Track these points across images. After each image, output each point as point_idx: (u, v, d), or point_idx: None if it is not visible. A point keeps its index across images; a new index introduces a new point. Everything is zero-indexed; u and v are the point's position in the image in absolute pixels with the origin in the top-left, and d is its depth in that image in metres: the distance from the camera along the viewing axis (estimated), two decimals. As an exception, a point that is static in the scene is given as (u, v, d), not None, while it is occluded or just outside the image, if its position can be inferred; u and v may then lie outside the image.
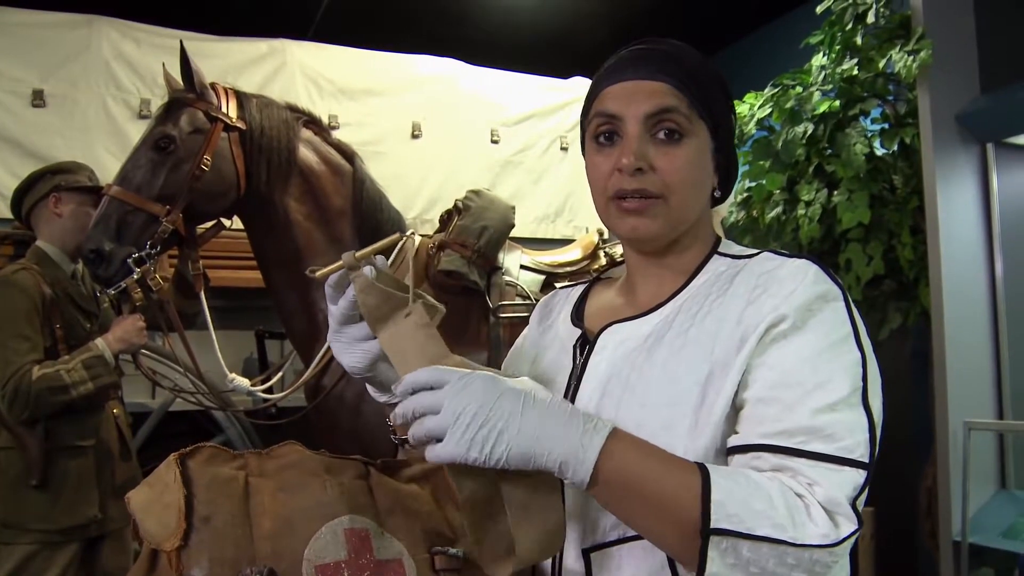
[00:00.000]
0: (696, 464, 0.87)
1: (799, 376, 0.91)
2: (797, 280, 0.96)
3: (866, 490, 0.89)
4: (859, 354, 0.93)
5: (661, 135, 1.02)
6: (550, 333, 1.18)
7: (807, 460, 0.88)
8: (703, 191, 1.07)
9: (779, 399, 0.91)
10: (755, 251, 1.06)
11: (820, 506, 0.85)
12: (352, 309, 0.98)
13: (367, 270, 0.96)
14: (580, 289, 1.23)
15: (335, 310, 1.00)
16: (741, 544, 0.82)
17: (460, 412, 0.82)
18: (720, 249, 1.09)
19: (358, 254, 0.96)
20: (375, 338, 0.97)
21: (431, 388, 0.85)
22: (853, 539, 0.86)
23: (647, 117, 1.01)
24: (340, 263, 0.96)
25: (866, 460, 0.89)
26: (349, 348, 1.01)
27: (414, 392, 0.86)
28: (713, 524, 0.82)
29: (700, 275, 1.06)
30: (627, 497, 0.86)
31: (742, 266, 1.03)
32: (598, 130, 1.06)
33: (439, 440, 0.83)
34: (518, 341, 1.27)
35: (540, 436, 0.83)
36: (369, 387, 1.08)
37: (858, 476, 0.88)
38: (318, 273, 0.98)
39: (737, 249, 1.09)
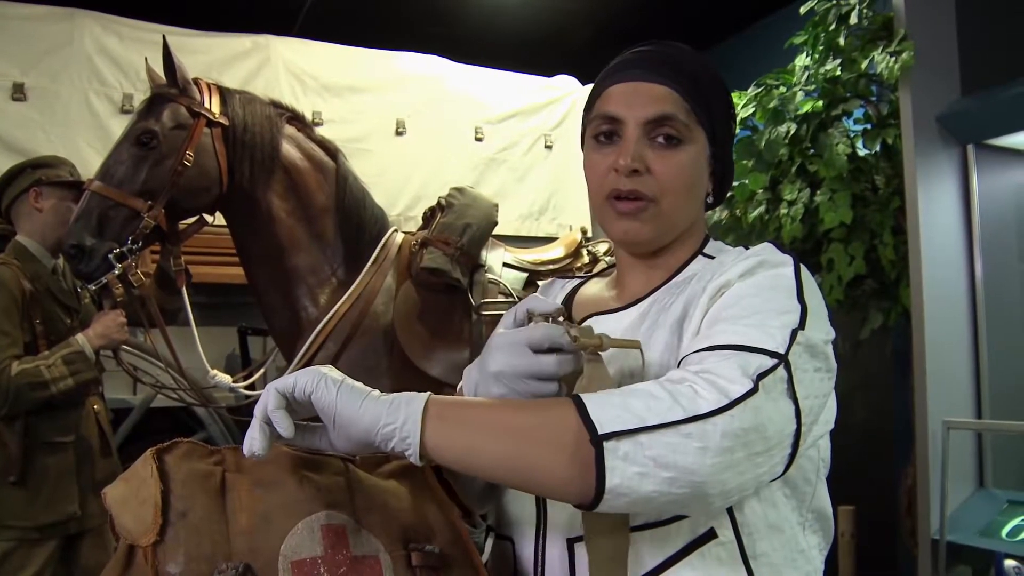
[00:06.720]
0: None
1: (728, 312, 0.91)
2: (747, 254, 0.99)
3: (778, 373, 0.84)
4: (798, 304, 0.91)
5: (659, 140, 1.03)
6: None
7: (707, 352, 0.86)
8: (697, 196, 1.08)
9: (705, 335, 0.91)
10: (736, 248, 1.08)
11: (704, 381, 0.82)
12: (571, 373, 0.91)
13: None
14: (576, 282, 1.24)
15: (549, 366, 0.89)
16: (640, 441, 0.78)
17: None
18: (705, 250, 1.10)
19: (606, 343, 0.91)
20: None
21: None
22: (753, 403, 0.81)
23: (647, 122, 1.03)
24: (597, 341, 0.90)
25: (780, 351, 0.85)
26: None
27: None
28: (602, 430, 0.78)
29: (680, 274, 1.08)
30: (489, 436, 0.82)
31: (716, 262, 1.05)
32: (598, 130, 1.06)
33: None
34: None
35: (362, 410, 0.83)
36: None
37: (763, 359, 0.84)
38: (579, 343, 0.90)
39: (721, 249, 1.10)
